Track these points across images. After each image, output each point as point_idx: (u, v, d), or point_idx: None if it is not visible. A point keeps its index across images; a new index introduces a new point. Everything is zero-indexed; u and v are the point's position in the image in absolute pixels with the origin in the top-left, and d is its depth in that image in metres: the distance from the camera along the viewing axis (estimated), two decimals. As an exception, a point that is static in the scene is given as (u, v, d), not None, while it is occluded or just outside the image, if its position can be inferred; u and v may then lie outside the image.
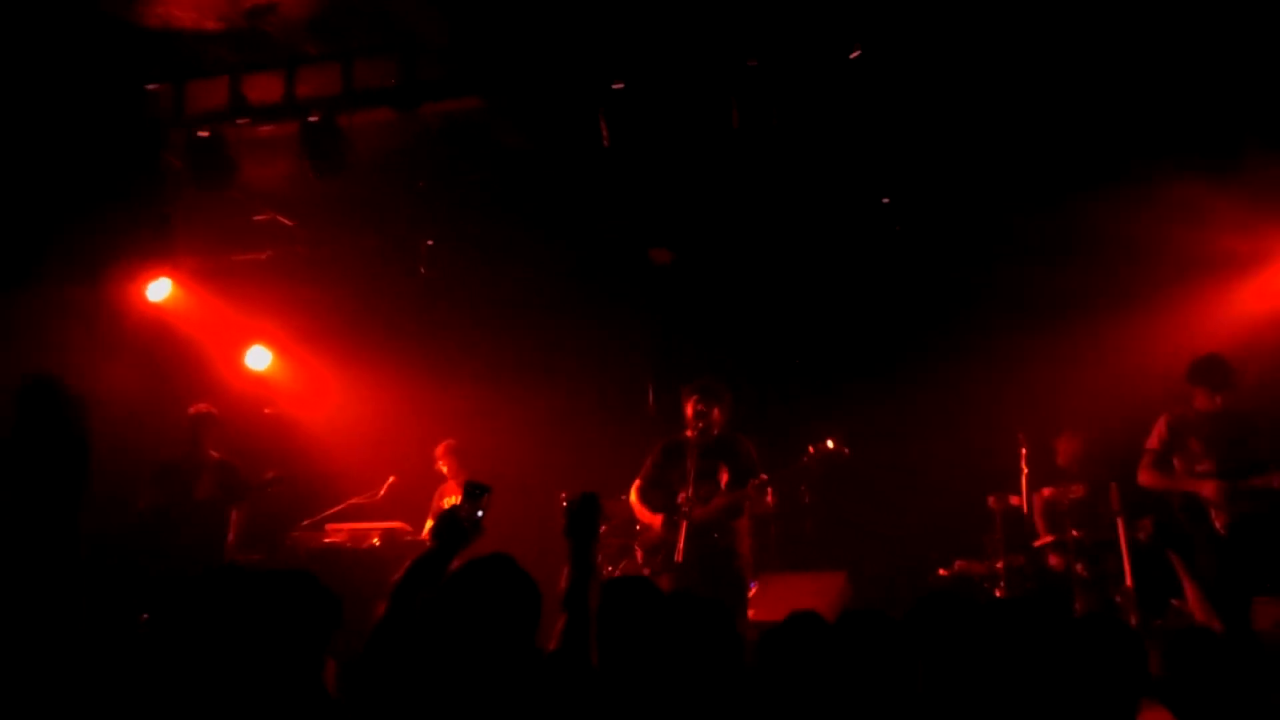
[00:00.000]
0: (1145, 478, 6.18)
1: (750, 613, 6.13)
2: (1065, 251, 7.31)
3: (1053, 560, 6.63)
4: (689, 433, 6.22)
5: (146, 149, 6.47)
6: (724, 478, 6.07)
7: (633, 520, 6.73)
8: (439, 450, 7.99)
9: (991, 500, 6.78)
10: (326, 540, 7.66)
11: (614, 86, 5.54)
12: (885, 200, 7.11)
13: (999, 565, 6.60)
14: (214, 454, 7.19)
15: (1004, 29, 5.35)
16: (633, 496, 6.42)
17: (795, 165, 6.59)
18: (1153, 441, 6.22)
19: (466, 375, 8.27)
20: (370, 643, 2.92)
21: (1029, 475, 6.64)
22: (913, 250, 7.52)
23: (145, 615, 5.74)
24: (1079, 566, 6.39)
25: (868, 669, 3.17)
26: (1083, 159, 6.60)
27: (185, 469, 7.10)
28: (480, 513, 3.36)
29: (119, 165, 6.48)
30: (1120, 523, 6.12)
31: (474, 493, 3.40)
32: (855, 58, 5.07)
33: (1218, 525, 5.86)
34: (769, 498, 6.02)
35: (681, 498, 6.13)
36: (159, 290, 7.70)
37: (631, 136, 5.87)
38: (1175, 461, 6.14)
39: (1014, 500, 6.70)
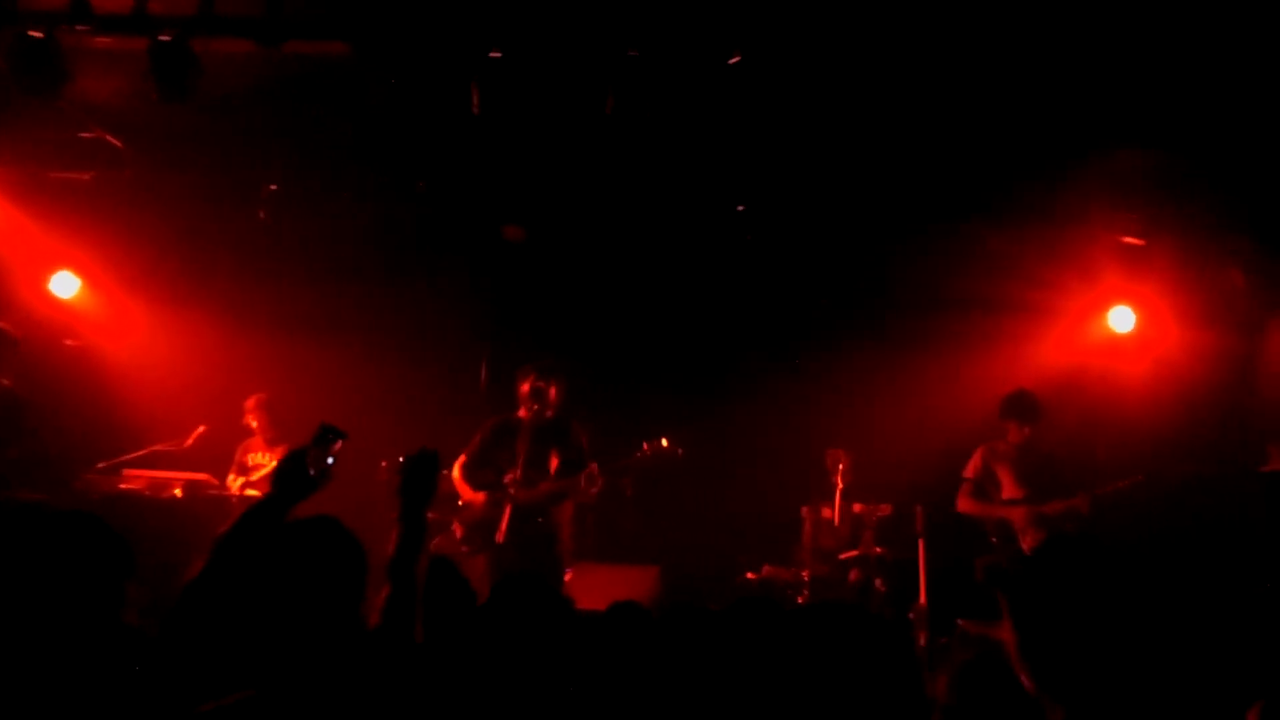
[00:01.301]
0: (963, 505, 6.79)
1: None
2: (894, 284, 7.74)
3: (854, 574, 6.92)
4: (522, 413, 6.22)
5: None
6: (553, 462, 6.09)
7: (452, 495, 6.66)
8: (249, 403, 7.69)
9: (805, 510, 7.05)
10: (122, 486, 7.23)
11: (491, 55, 5.43)
12: (740, 208, 7.27)
13: (804, 574, 6.84)
14: (4, 381, 6.63)
15: (865, 65, 5.57)
16: (456, 472, 6.36)
17: (661, 160, 6.64)
18: (969, 471, 6.83)
19: (294, 330, 7.95)
20: (181, 598, 2.70)
21: (843, 489, 6.91)
22: (758, 261, 7.73)
23: None
24: (878, 581, 6.70)
25: (686, 661, 3.25)
26: (917, 199, 7.00)
27: None
28: (330, 460, 3.02)
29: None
30: (921, 543, 6.48)
31: (326, 437, 3.04)
32: (733, 63, 5.14)
33: (1024, 548, 6.43)
34: (595, 488, 6.04)
35: (508, 478, 6.11)
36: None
37: (502, 108, 5.78)
38: (989, 489, 6.72)
39: (826, 512, 6.97)
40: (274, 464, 7.07)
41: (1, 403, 6.48)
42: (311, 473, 2.98)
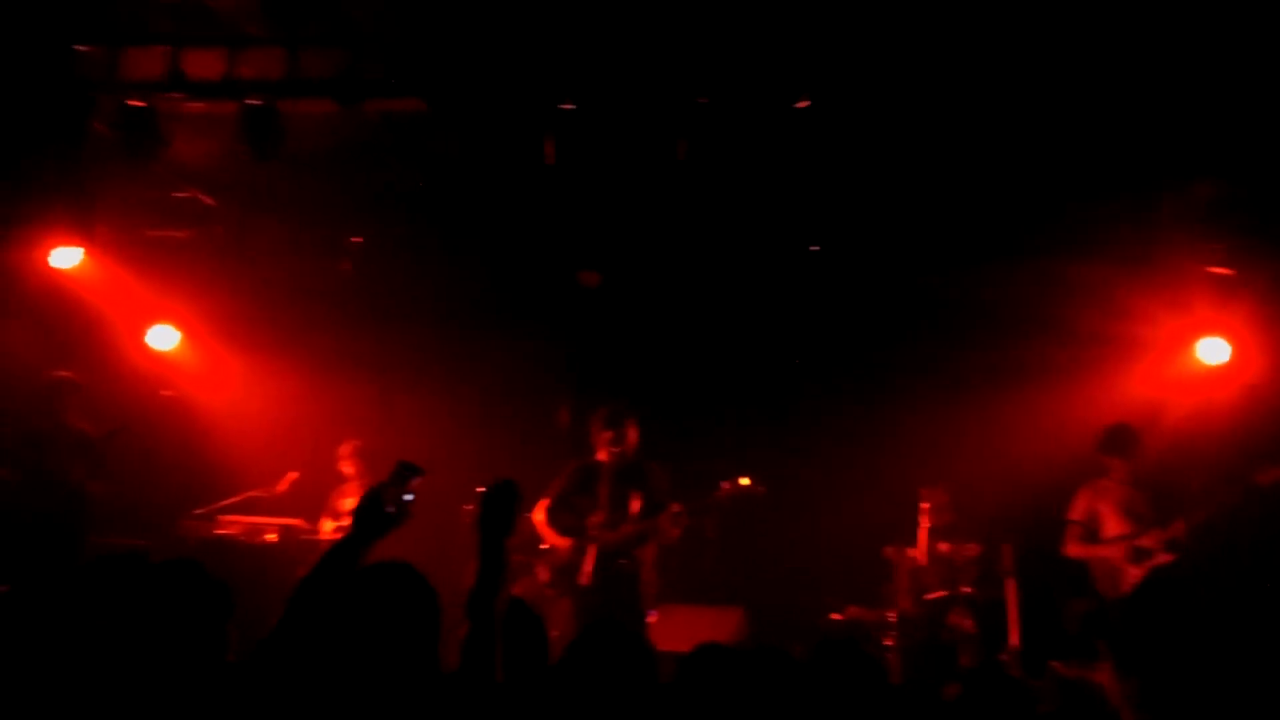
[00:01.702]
0: (1071, 549, 6.57)
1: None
2: (978, 317, 7.62)
3: (944, 615, 6.79)
4: (601, 455, 6.26)
5: (72, 112, 6.24)
6: (635, 505, 6.12)
7: (536, 538, 6.71)
8: (344, 450, 7.85)
9: (889, 551, 6.95)
10: (219, 531, 7.44)
11: (563, 106, 5.55)
12: (814, 249, 7.26)
13: (891, 615, 6.74)
14: (79, 425, 6.91)
15: (939, 100, 5.55)
16: (539, 515, 6.41)
17: (733, 203, 6.67)
18: (1075, 513, 6.62)
19: (378, 377, 8.15)
20: (264, 642, 2.72)
21: (929, 529, 6.80)
22: (837, 300, 7.70)
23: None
24: (967, 622, 6.57)
25: (771, 704, 3.24)
26: (999, 234, 6.91)
27: (45, 440, 6.82)
28: (409, 497, 3.00)
29: (40, 125, 6.24)
30: (1010, 583, 6.34)
31: (404, 474, 3.02)
32: (802, 107, 5.17)
33: (1125, 586, 6.22)
34: (677, 529, 6.05)
35: (591, 521, 6.15)
36: (67, 257, 7.41)
37: (575, 157, 5.89)
38: (1095, 529, 6.53)
39: (911, 553, 6.86)
40: (363, 507, 7.24)
41: (79, 443, 6.80)
42: (390, 510, 2.98)
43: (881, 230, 7.13)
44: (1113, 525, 6.52)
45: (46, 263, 7.35)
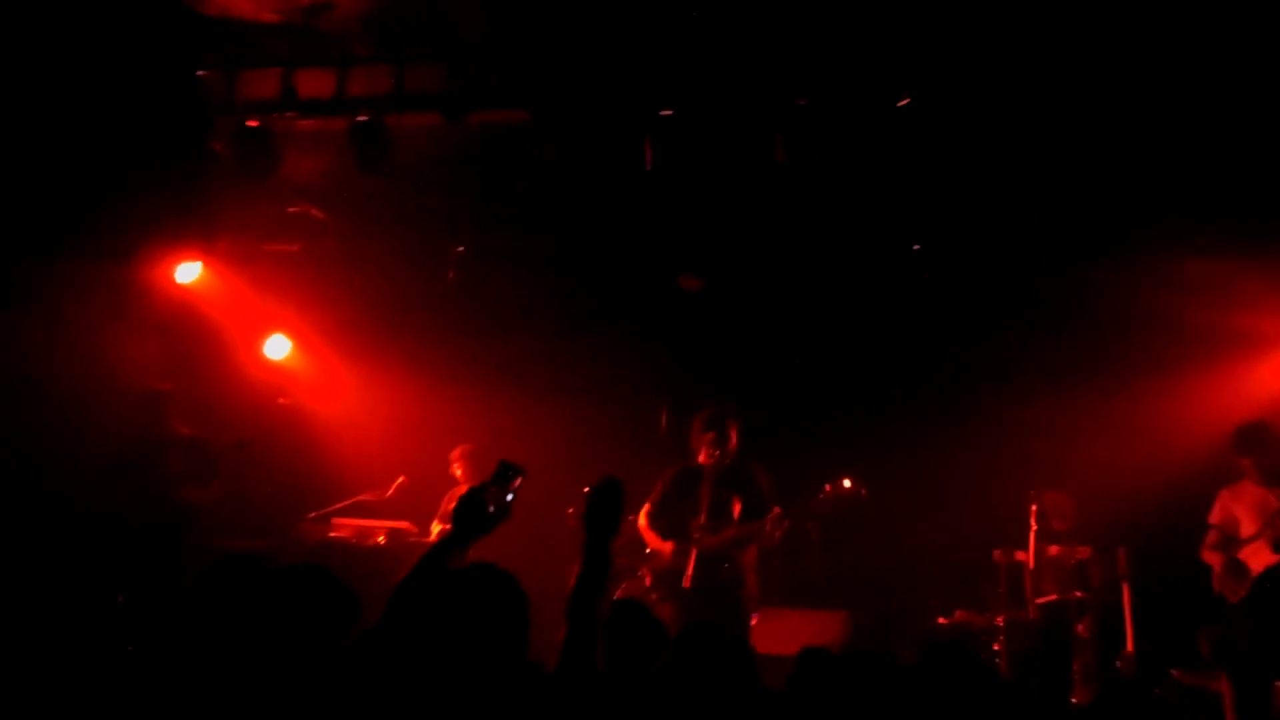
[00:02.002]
0: (1206, 554, 6.20)
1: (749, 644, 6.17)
2: (1088, 315, 7.43)
3: (1055, 620, 6.64)
4: (702, 459, 6.28)
5: (193, 134, 6.55)
6: (737, 508, 6.12)
7: (639, 542, 6.76)
8: (455, 454, 7.97)
9: (997, 554, 6.82)
10: (332, 534, 7.68)
11: (662, 113, 5.61)
12: (916, 247, 7.17)
13: (999, 620, 6.62)
14: (182, 429, 7.07)
15: (1045, 93, 5.44)
16: (641, 520, 6.45)
17: (833, 203, 6.65)
18: (1214, 517, 6.27)
19: (482, 383, 8.29)
20: (363, 638, 2.71)
21: (1037, 532, 6.66)
22: (939, 300, 7.59)
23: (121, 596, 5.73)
24: (1080, 627, 6.41)
25: (877, 709, 3.21)
26: (1112, 228, 6.72)
27: (148, 448, 7.03)
28: (510, 496, 2.99)
29: (164, 147, 6.55)
30: (1125, 587, 6.16)
31: (505, 474, 3.01)
32: (903, 105, 5.13)
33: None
34: (779, 531, 6.03)
35: (693, 525, 6.18)
36: (188, 272, 7.76)
37: (674, 162, 5.94)
38: (1232, 532, 6.18)
39: (1020, 556, 6.73)
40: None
41: (189, 447, 6.98)
42: (490, 509, 2.98)
43: (988, 227, 7.00)
44: (1249, 526, 6.17)
45: (170, 277, 7.72)
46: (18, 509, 6.71)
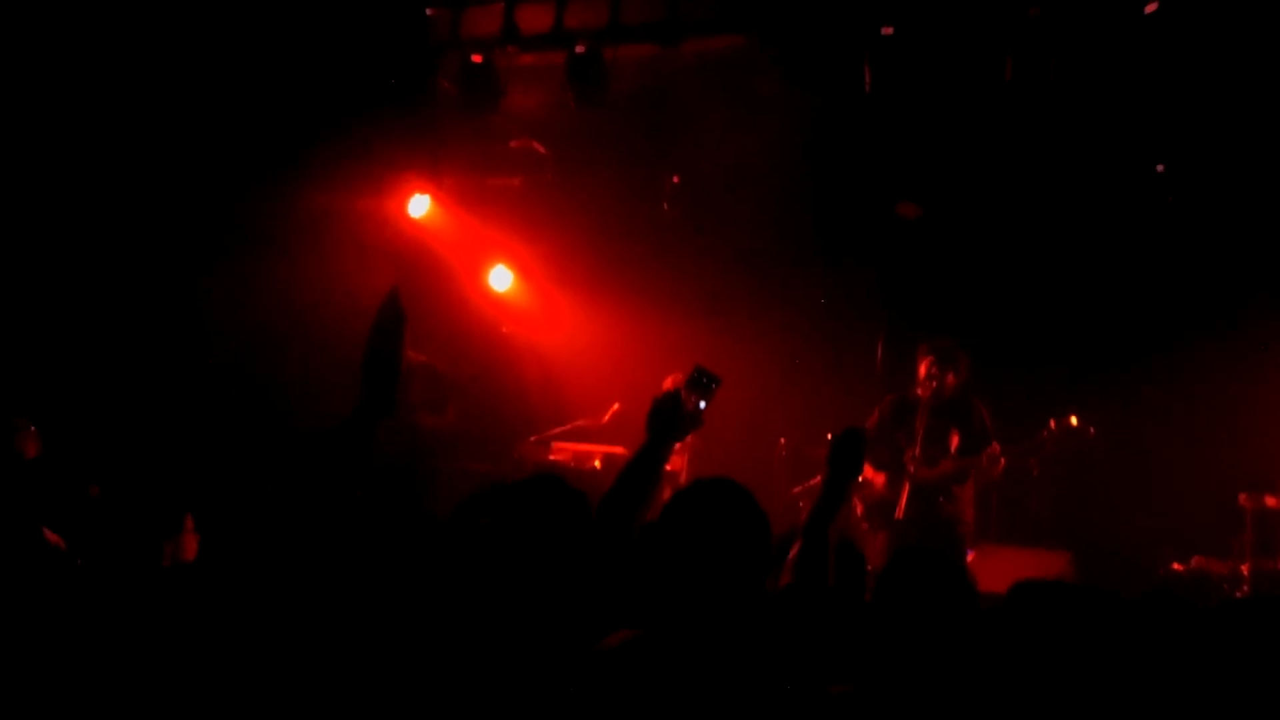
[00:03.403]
0: None
1: (965, 581, 6.06)
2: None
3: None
4: (919, 391, 6.17)
5: (421, 70, 6.84)
6: (954, 441, 6.01)
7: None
8: (667, 382, 8.04)
9: (1244, 498, 6.36)
10: (551, 457, 8.01)
11: (883, 31, 5.43)
12: (1160, 168, 6.69)
13: (1244, 568, 6.20)
14: (418, 357, 7.35)
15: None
16: (854, 449, 6.41)
17: (1067, 123, 6.30)
18: None
19: (697, 313, 8.35)
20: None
21: (1293, 476, 6.18)
22: (1185, 224, 7.05)
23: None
24: (1337, 580, 5.94)
25: (1093, 652, 3.06)
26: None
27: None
28: (703, 404, 2.98)
29: (395, 84, 6.88)
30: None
31: (702, 381, 3.00)
32: (1151, 11, 4.75)
33: None
34: (998, 468, 5.87)
35: (908, 456, 6.10)
36: (419, 206, 8.17)
37: (895, 84, 5.77)
38: None
39: (1271, 501, 6.26)
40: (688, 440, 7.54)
41: (425, 375, 7.31)
42: (684, 414, 2.97)
43: (1237, 147, 6.43)
44: None
45: (402, 211, 8.16)
46: (269, 438, 7.33)
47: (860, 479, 6.64)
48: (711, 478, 2.75)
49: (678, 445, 7.78)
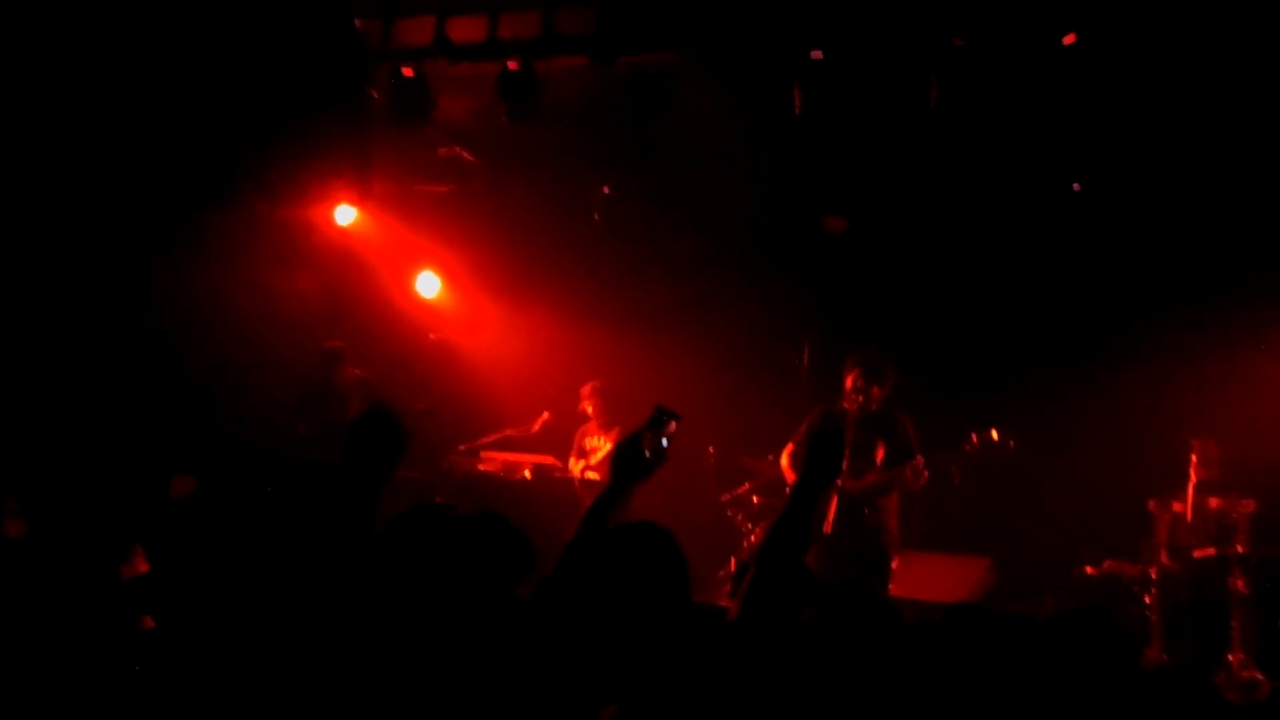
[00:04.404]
0: None
1: (891, 587, 6.21)
2: (1256, 257, 7.06)
3: (1212, 574, 6.45)
4: (846, 404, 6.27)
5: (352, 81, 6.77)
6: (880, 454, 6.11)
7: (779, 481, 6.81)
8: (585, 390, 8.08)
9: (1152, 504, 6.60)
10: (481, 467, 7.99)
11: (813, 55, 5.53)
12: (1076, 187, 6.92)
13: (1152, 571, 6.45)
14: (354, 371, 7.62)
15: (1222, 28, 5.14)
16: (784, 460, 6.50)
17: (989, 146, 6.49)
18: None
19: (626, 322, 8.41)
20: (540, 588, 2.78)
21: (1196, 484, 6.45)
22: (1097, 241, 7.31)
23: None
24: (1239, 584, 6.21)
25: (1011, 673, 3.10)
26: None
27: (329, 392, 7.58)
28: (665, 441, 2.99)
29: (325, 94, 6.80)
30: (1290, 544, 5.94)
31: (661, 419, 3.01)
32: (1069, 44, 4.92)
33: None
34: (921, 480, 6.02)
35: (836, 469, 6.19)
36: (346, 215, 8.09)
37: (824, 106, 5.86)
38: None
39: (1177, 507, 6.52)
40: (609, 447, 7.60)
41: (364, 389, 7.59)
42: (647, 455, 3.00)
43: (1147, 167, 6.70)
44: None
45: (329, 220, 8.07)
46: (194, 446, 7.24)
47: (788, 490, 6.78)
48: (634, 523, 2.81)
49: (605, 436, 7.90)
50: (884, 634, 2.94)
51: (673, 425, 3.06)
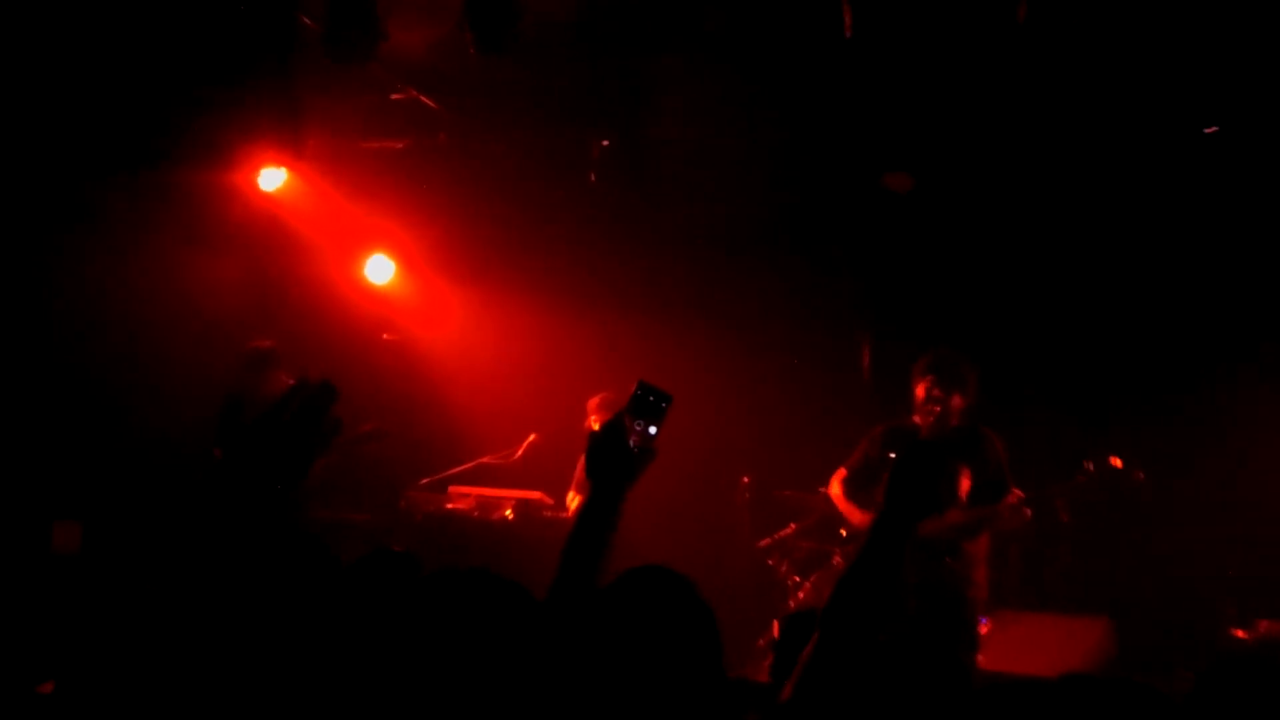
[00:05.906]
0: None
1: (980, 657, 6.05)
2: None
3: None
4: (918, 419, 6.15)
5: (277, 6, 6.63)
6: (964, 484, 5.94)
7: (832, 520, 6.73)
8: (592, 404, 8.02)
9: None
10: (449, 506, 7.89)
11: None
12: (1210, 130, 6.71)
13: (1321, 636, 6.30)
14: (286, 378, 7.40)
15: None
16: (835, 488, 6.42)
17: (1094, 74, 6.31)
18: None
19: (634, 315, 8.32)
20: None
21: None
22: (1245, 201, 7.10)
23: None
24: None
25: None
26: None
27: (256, 405, 7.39)
28: (653, 430, 2.85)
29: (242, 26, 6.66)
30: None
31: (647, 400, 2.87)
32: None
33: None
34: (1021, 519, 5.87)
35: (905, 504, 6.04)
36: (273, 179, 7.96)
37: (882, 27, 5.71)
38: None
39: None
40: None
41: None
42: (632, 447, 2.85)
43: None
44: None
45: (252, 185, 7.94)
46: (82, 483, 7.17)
47: (845, 531, 6.61)
48: (641, 568, 2.67)
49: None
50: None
51: (665, 409, 2.91)
